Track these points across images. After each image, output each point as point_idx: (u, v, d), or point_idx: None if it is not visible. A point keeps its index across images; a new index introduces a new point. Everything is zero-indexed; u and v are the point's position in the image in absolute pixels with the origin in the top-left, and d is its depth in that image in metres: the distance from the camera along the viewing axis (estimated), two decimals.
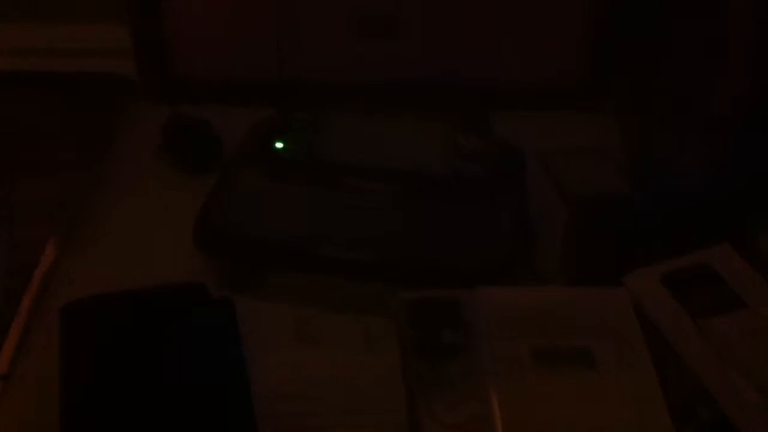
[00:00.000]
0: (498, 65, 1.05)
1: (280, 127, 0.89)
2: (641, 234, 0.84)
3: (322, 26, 1.04)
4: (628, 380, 0.71)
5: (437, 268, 0.79)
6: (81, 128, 1.02)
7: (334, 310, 0.83)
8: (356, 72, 1.05)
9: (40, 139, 1.01)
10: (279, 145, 0.88)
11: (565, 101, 1.07)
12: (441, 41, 1.04)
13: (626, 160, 0.99)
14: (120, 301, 0.79)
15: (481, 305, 0.73)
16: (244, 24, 1.04)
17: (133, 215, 0.93)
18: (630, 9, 1.00)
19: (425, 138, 0.87)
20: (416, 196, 0.84)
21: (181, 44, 1.06)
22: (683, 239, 0.80)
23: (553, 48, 1.05)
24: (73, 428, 0.70)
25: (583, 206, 0.92)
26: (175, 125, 0.98)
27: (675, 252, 0.77)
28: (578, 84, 1.06)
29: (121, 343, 0.76)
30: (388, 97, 1.02)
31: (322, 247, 0.80)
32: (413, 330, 0.73)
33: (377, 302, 0.79)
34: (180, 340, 0.76)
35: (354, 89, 1.05)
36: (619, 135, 1.02)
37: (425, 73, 1.05)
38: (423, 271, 0.79)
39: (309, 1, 1.02)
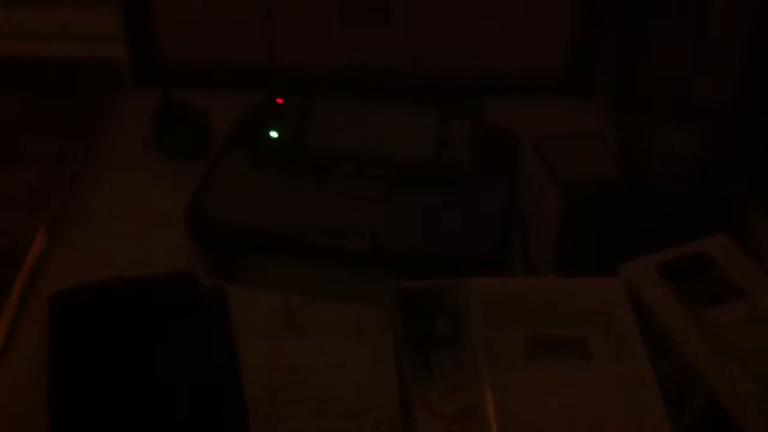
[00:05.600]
0: (489, 52, 1.04)
1: (269, 113, 0.88)
2: (637, 223, 0.84)
3: (311, 10, 1.03)
4: (622, 370, 0.70)
5: (427, 256, 0.79)
6: (64, 115, 1.01)
7: (325, 298, 0.82)
8: (347, 57, 1.05)
9: (23, 127, 0.99)
10: (268, 131, 0.87)
11: (556, 88, 1.06)
12: (432, 27, 1.03)
13: (620, 149, 0.98)
14: (110, 289, 0.78)
15: (474, 295, 0.73)
16: (233, 8, 1.03)
17: (123, 203, 0.93)
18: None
19: (416, 124, 0.86)
20: (407, 183, 0.83)
21: (170, 29, 1.05)
22: (680, 229, 0.80)
23: (545, 34, 1.04)
24: (62, 417, 0.70)
25: (576, 191, 0.92)
26: (166, 111, 0.97)
27: (672, 242, 0.77)
28: (567, 72, 1.05)
29: (110, 332, 0.75)
30: (379, 83, 1.01)
31: (312, 235, 0.79)
32: (406, 320, 0.72)
33: (368, 291, 0.79)
34: (170, 329, 0.76)
35: (345, 75, 1.05)
36: (612, 121, 1.01)
37: (417, 59, 1.04)
38: (412, 259, 0.79)
39: None
